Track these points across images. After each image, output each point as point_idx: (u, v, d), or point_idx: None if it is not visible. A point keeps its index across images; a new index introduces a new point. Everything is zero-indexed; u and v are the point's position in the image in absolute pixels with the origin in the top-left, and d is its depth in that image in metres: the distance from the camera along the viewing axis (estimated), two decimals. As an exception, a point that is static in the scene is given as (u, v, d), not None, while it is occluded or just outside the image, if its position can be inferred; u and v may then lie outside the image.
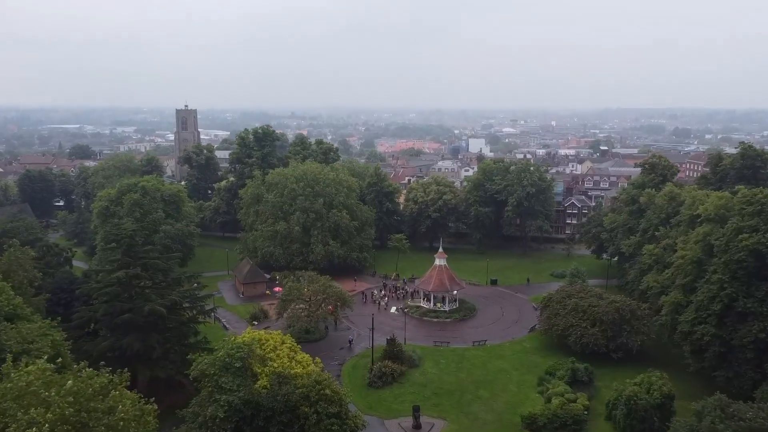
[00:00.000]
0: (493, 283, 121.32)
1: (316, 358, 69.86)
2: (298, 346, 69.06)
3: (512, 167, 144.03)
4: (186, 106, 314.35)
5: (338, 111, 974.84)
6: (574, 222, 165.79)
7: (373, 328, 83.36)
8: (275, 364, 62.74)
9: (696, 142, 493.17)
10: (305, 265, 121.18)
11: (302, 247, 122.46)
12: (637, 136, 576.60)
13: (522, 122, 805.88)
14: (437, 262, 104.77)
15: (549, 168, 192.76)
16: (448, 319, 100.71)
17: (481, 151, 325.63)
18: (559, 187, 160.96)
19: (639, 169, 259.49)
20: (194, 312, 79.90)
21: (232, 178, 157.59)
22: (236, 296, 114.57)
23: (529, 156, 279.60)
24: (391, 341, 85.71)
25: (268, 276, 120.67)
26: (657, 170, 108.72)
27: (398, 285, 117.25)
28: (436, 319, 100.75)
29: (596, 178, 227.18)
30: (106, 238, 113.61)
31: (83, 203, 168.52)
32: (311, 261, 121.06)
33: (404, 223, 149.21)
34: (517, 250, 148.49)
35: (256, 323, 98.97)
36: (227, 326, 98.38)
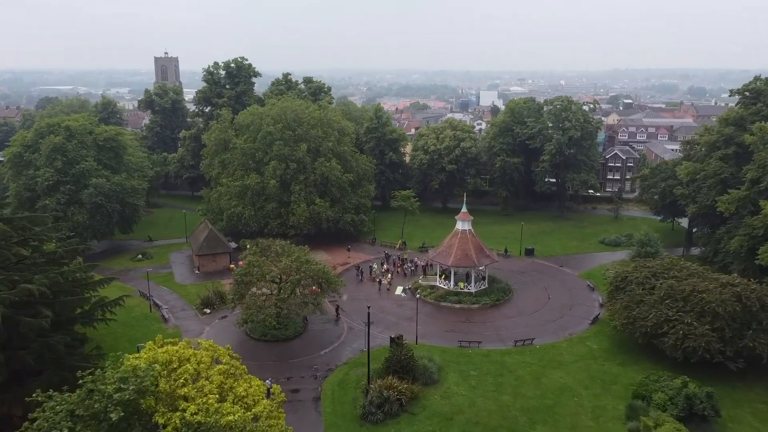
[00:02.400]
0: (529, 253, 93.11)
1: (274, 385, 41.91)
2: (242, 366, 41.15)
3: (548, 107, 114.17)
4: (166, 53, 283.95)
5: (339, 73, 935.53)
6: (616, 178, 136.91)
7: (369, 324, 55.29)
8: (194, 407, 34.99)
9: (714, 101, 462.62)
10: (285, 231, 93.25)
11: (280, 207, 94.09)
12: (650, 95, 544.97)
13: (530, 81, 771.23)
14: (459, 226, 76.33)
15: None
16: (475, 305, 72.79)
17: (493, 104, 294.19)
18: (600, 136, 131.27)
19: (678, 121, 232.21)
20: (73, 308, 52.02)
21: (200, 124, 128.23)
22: (191, 272, 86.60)
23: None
24: (397, 342, 58.10)
25: (234, 245, 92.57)
26: (765, 99, 79.07)
27: (405, 257, 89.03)
28: (458, 305, 72.82)
29: (631, 129, 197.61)
30: (18, 194, 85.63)
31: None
32: (292, 225, 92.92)
33: (412, 179, 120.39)
34: (551, 212, 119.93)
35: (208, 311, 71.15)
36: (167, 316, 70.48)
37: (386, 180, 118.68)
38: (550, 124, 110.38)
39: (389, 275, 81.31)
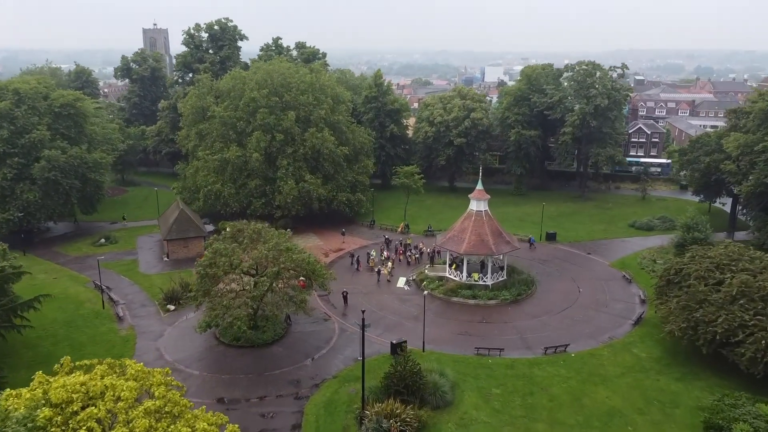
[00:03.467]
0: (551, 238, 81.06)
1: (229, 427, 29.95)
2: (184, 401, 29.16)
3: (568, 72, 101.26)
4: (155, 25, 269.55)
5: (336, 52, 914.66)
6: (640, 154, 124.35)
7: (363, 326, 43.35)
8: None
9: (733, 77, 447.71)
10: (270, 212, 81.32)
11: (264, 184, 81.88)
12: (657, 75, 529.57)
13: (533, 61, 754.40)
14: (474, 207, 64.10)
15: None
16: (493, 301, 60.84)
17: (500, 79, 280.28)
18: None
19: (699, 95, 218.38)
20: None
21: (180, 93, 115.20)
22: (159, 259, 74.57)
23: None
24: (401, 351, 46.35)
25: (211, 228, 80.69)
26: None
27: (408, 242, 76.97)
28: (472, 301, 60.85)
29: (649, 104, 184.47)
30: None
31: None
32: (278, 205, 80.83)
33: (415, 155, 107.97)
34: (570, 192, 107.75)
35: (172, 308, 59.24)
36: (122, 314, 58.43)
37: (387, 155, 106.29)
38: (572, 92, 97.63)
39: (390, 264, 69.35)
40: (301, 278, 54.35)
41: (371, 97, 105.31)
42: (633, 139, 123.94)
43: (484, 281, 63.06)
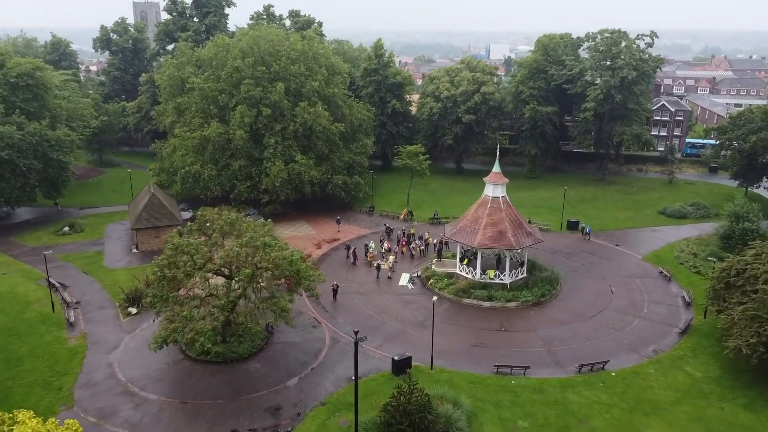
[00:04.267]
0: (573, 227, 71.90)
1: None
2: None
3: (590, 42, 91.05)
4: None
5: (336, 34, 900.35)
6: (662, 134, 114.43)
7: (357, 342, 34.21)
8: None
9: (751, 55, 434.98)
10: (256, 196, 72.34)
11: (250, 165, 72.60)
12: (665, 55, 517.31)
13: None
14: (490, 192, 54.64)
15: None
16: (512, 303, 51.72)
17: (506, 57, 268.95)
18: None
19: (720, 73, 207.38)
20: None
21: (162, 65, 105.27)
22: (127, 251, 65.40)
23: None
24: (403, 368, 37.53)
25: (189, 214, 71.69)
26: None
27: (412, 231, 67.76)
28: (488, 303, 51.73)
29: (666, 81, 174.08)
30: None
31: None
32: (266, 189, 71.70)
33: (419, 133, 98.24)
34: (588, 174, 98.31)
35: (134, 312, 50.16)
36: (72, 319, 49.26)
37: (388, 134, 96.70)
38: (594, 64, 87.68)
39: (391, 258, 60.21)
40: (282, 280, 45.64)
41: (371, 69, 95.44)
42: (656, 117, 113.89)
43: (501, 280, 53.96)
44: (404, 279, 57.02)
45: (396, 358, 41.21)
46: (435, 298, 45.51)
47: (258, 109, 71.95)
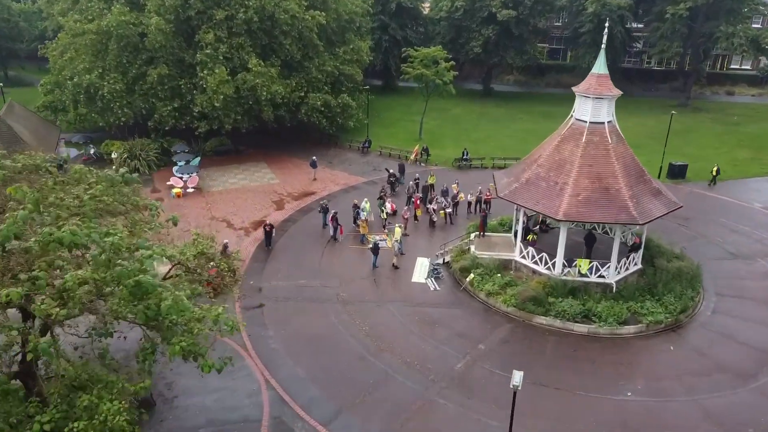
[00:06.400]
0: (678, 174, 46.83)
1: None
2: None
3: None
4: None
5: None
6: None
7: None
8: None
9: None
10: (188, 124, 47.13)
11: (176, 76, 46.75)
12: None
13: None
14: (585, 113, 29.11)
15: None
16: (631, 328, 27.12)
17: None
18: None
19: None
20: None
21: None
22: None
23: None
24: None
25: (92, 151, 47.38)
26: None
27: (430, 182, 42.29)
28: (582, 327, 27.15)
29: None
30: None
31: None
32: (202, 113, 46.25)
33: (434, 41, 71.05)
34: (664, 98, 72.40)
35: None
36: None
37: (391, 41, 70.16)
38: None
39: (398, 229, 34.96)
40: (212, 264, 22.23)
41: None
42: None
43: (603, 276, 29.26)
44: (421, 270, 32.43)
45: None
46: (494, 305, 20.89)
47: (187, -14, 45.55)
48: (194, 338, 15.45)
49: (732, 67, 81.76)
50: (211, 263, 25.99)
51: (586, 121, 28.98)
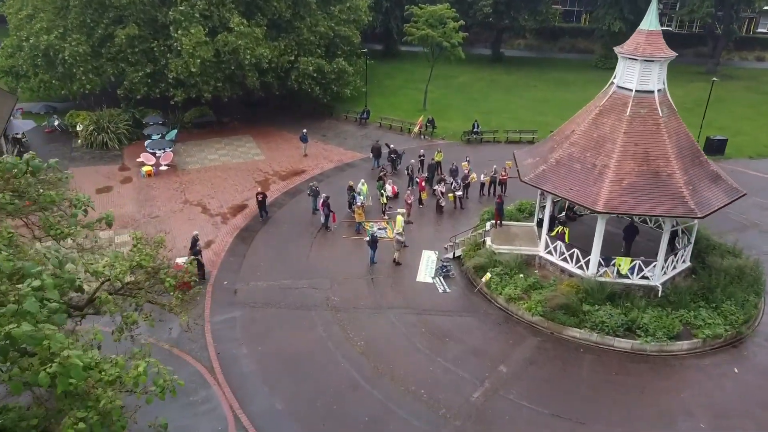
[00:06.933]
0: (716, 150, 41.42)
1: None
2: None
3: None
4: None
5: None
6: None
7: None
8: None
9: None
10: (163, 92, 41.59)
11: (148, 37, 41.11)
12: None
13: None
14: (631, 81, 23.83)
15: None
16: (684, 344, 22.29)
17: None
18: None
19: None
20: None
21: None
22: None
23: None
24: None
25: (55, 123, 42.18)
26: None
27: (437, 159, 37.03)
28: (625, 342, 22.31)
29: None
30: None
31: None
32: (177, 80, 40.72)
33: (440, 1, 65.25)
34: (688, 64, 66.45)
35: None
36: None
37: (392, 2, 64.12)
38: None
39: (400, 216, 29.82)
40: (178, 260, 17.82)
41: None
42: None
43: (649, 279, 24.25)
44: (427, 266, 27.45)
45: None
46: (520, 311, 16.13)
47: (159, -66, 39.64)
48: (102, 408, 10.46)
49: (759, 30, 76.01)
50: (178, 259, 21.76)
51: (631, 90, 23.67)
